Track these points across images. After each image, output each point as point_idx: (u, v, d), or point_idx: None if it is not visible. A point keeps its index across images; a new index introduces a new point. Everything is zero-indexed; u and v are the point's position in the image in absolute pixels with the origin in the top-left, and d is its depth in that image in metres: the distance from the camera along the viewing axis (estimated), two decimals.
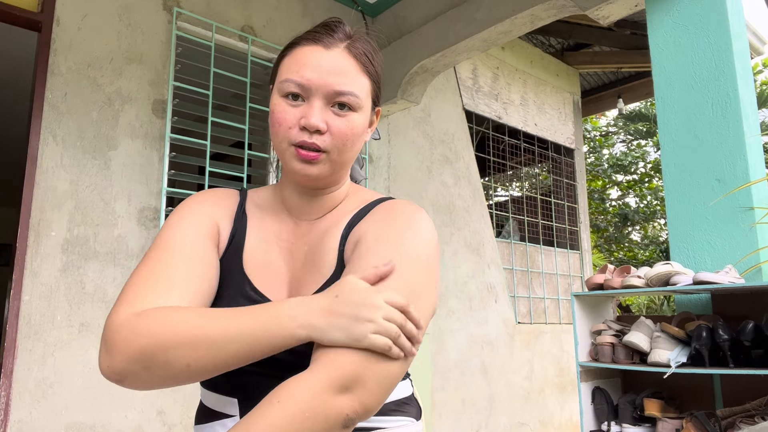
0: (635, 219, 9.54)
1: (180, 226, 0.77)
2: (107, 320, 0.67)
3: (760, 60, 8.90)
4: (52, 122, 2.37)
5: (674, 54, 2.28)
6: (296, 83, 0.75)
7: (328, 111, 0.75)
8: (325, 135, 0.75)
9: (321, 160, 0.76)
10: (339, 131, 0.75)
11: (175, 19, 2.79)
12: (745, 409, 1.72)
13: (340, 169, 0.80)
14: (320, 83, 0.75)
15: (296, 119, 0.75)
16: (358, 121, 0.78)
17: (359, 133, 0.78)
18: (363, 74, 0.79)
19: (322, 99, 0.75)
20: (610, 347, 2.09)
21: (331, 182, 0.82)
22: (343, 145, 0.76)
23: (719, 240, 2.06)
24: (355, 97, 0.76)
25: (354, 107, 0.77)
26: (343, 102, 0.76)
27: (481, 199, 4.22)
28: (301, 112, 0.75)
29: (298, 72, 0.75)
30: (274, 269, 0.79)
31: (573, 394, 4.53)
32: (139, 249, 2.53)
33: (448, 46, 3.07)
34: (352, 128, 0.77)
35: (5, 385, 2.12)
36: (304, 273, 0.79)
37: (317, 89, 0.75)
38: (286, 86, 0.76)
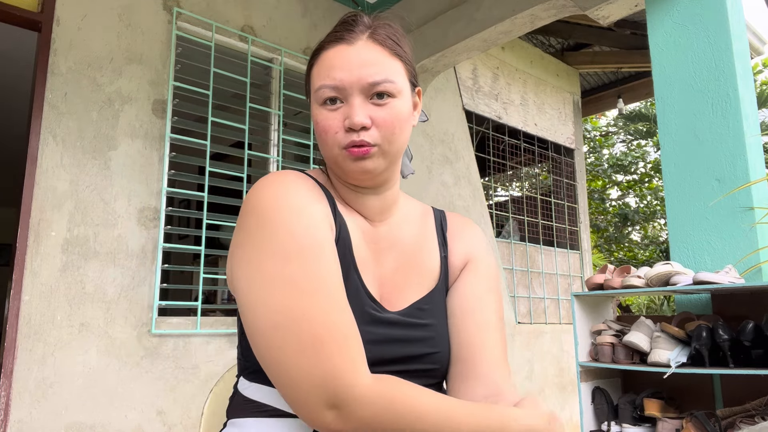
0: (635, 219, 9.54)
1: (304, 225, 0.68)
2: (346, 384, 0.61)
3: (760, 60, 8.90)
4: (52, 122, 2.37)
5: (674, 54, 2.28)
6: (330, 87, 0.74)
7: (369, 105, 0.74)
8: (372, 129, 0.74)
9: (373, 153, 0.74)
10: (384, 121, 0.74)
11: (175, 19, 2.79)
12: (745, 409, 1.72)
13: (394, 160, 0.78)
14: (353, 80, 0.73)
15: (340, 123, 0.74)
16: (401, 107, 0.76)
17: (405, 118, 0.77)
18: (393, 58, 0.77)
19: (360, 95, 0.74)
20: (610, 347, 2.09)
21: (388, 177, 0.80)
22: (392, 134, 0.75)
23: (719, 240, 2.06)
24: (391, 83, 0.75)
25: (393, 93, 0.75)
26: (381, 91, 0.74)
27: (481, 199, 4.22)
28: (343, 114, 0.74)
29: (329, 75, 0.74)
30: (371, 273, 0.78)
31: (573, 394, 4.53)
32: (139, 249, 2.53)
33: (448, 46, 3.07)
34: (396, 115, 0.75)
35: (5, 385, 2.12)
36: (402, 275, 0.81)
37: (352, 86, 0.73)
38: (321, 93, 0.75)
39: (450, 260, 0.84)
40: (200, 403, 2.54)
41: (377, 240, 0.81)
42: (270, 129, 3.18)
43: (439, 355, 0.79)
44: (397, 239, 0.82)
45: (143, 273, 2.52)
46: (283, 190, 0.70)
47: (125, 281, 2.47)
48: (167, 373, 2.51)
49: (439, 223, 0.88)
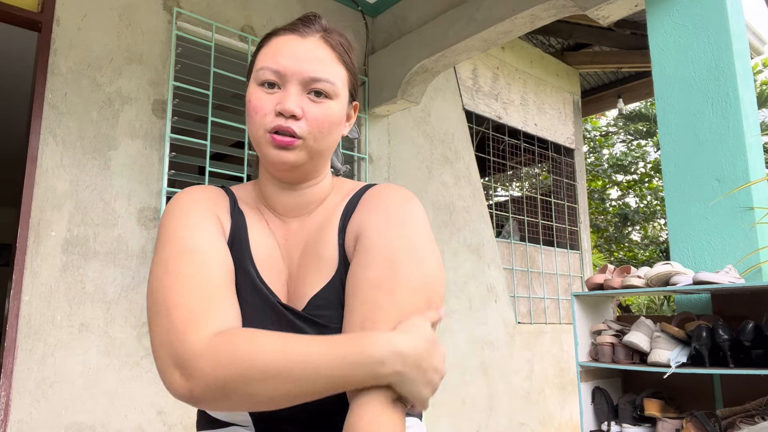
0: (635, 219, 9.54)
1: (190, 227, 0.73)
2: (175, 342, 0.64)
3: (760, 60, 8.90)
4: (52, 122, 2.37)
5: (674, 54, 2.28)
6: (272, 70, 0.75)
7: (304, 98, 0.75)
8: (301, 121, 0.74)
9: (297, 146, 0.75)
10: (315, 118, 0.75)
11: (175, 19, 2.79)
12: (745, 409, 1.72)
13: (318, 157, 0.78)
14: (295, 69, 0.75)
15: (272, 106, 0.75)
16: (335, 109, 0.77)
17: (336, 122, 0.78)
18: (339, 63, 0.78)
19: (298, 85, 0.75)
20: (610, 347, 2.09)
21: (310, 174, 0.81)
22: (320, 132, 0.76)
23: (719, 240, 2.06)
24: (331, 84, 0.76)
25: (330, 94, 0.76)
26: (319, 89, 0.75)
27: (481, 199, 4.22)
28: (277, 99, 0.75)
29: (273, 59, 0.76)
30: (275, 266, 0.79)
31: (573, 394, 4.53)
32: (139, 249, 2.53)
33: (448, 46, 3.06)
34: (328, 115, 0.76)
35: (5, 385, 2.12)
36: (303, 270, 0.78)
37: (293, 75, 0.75)
38: (261, 74, 0.76)
39: (345, 245, 0.77)
40: None
41: (287, 236, 0.82)
42: None
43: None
44: (306, 234, 0.81)
45: (143, 273, 2.52)
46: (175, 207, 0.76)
47: (125, 281, 2.47)
48: None
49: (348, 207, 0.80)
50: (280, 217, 0.83)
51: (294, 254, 0.80)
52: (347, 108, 0.82)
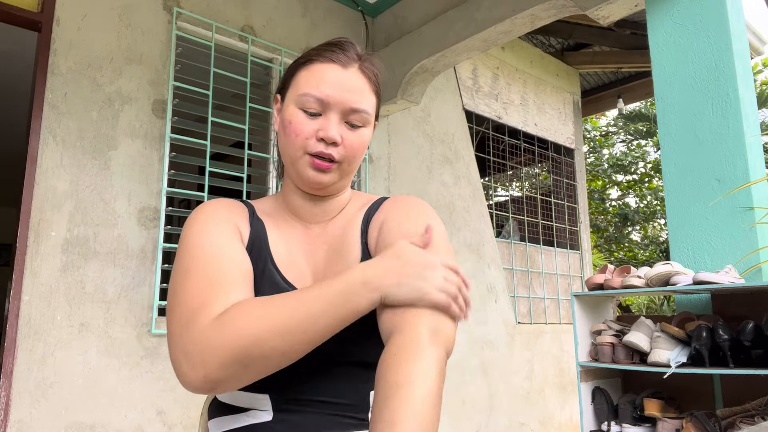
0: (635, 219, 9.54)
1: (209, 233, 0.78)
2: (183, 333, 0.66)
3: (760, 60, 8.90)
4: (52, 122, 2.37)
5: (674, 54, 2.28)
6: (316, 98, 0.81)
7: (342, 125, 0.82)
8: (339, 147, 0.82)
9: (333, 169, 0.82)
10: (351, 144, 0.83)
11: (175, 19, 2.79)
12: (745, 409, 1.72)
13: (347, 177, 0.87)
14: (339, 100, 0.81)
15: (314, 131, 0.81)
16: (367, 135, 0.86)
17: (365, 146, 0.86)
18: (372, 93, 0.86)
19: (338, 114, 0.82)
20: (610, 347, 2.09)
21: (337, 189, 0.88)
22: (354, 157, 0.84)
23: (719, 240, 2.06)
24: (367, 114, 0.84)
25: (365, 123, 0.84)
26: (356, 119, 0.83)
27: (481, 199, 4.22)
28: (319, 125, 0.81)
29: (318, 87, 0.81)
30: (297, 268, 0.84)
31: (573, 394, 4.53)
32: (139, 249, 2.53)
33: (448, 46, 3.06)
34: (362, 142, 0.84)
35: (5, 385, 2.12)
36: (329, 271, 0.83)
37: (335, 105, 0.81)
38: (305, 100, 0.81)
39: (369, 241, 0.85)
40: (200, 403, 2.54)
41: (310, 240, 0.88)
42: (270, 129, 3.18)
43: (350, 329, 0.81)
44: (329, 238, 0.87)
45: (143, 273, 2.52)
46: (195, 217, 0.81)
47: (125, 281, 2.47)
48: (167, 373, 2.51)
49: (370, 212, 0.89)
50: (303, 222, 0.89)
51: (318, 256, 0.86)
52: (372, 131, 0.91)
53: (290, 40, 3.28)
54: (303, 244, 0.87)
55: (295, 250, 0.85)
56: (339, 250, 0.85)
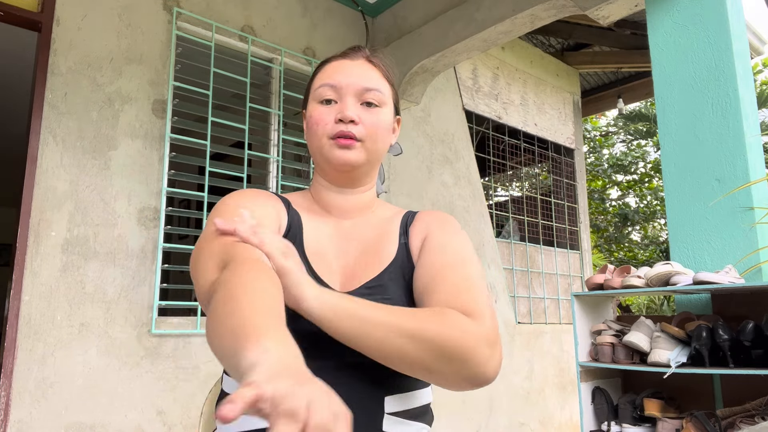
0: (635, 219, 9.53)
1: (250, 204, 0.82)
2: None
3: (760, 60, 8.90)
4: (52, 122, 2.37)
5: (674, 54, 2.28)
6: (329, 85, 0.87)
7: (359, 107, 0.87)
8: (359, 126, 0.86)
9: (357, 146, 0.86)
10: (370, 122, 0.87)
11: (175, 19, 2.79)
12: (745, 409, 1.72)
13: (373, 161, 0.89)
14: (350, 81, 0.87)
15: (332, 117, 0.86)
16: (385, 116, 0.89)
17: (386, 128, 0.90)
18: (384, 79, 0.91)
19: (353, 96, 0.87)
20: (610, 347, 2.09)
21: (363, 178, 0.91)
22: (375, 134, 0.87)
23: (719, 240, 2.06)
24: (380, 93, 0.88)
25: (380, 103, 0.88)
26: (371, 99, 0.87)
27: (481, 199, 4.22)
28: (336, 110, 0.86)
29: (330, 76, 0.88)
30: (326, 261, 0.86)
31: (573, 394, 4.53)
32: (139, 249, 2.53)
33: (448, 46, 3.07)
34: (381, 120, 0.88)
35: (5, 385, 2.12)
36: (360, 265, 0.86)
37: (348, 87, 0.87)
38: (320, 91, 0.88)
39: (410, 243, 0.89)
40: (200, 403, 2.54)
41: (342, 235, 0.90)
42: (270, 129, 3.18)
43: None
44: (361, 234, 0.90)
45: (143, 273, 2.52)
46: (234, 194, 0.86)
47: (125, 281, 2.47)
48: (167, 373, 2.51)
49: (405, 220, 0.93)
50: (334, 218, 0.92)
51: (349, 252, 0.88)
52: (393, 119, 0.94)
53: (290, 40, 3.28)
54: (334, 239, 0.89)
55: (326, 243, 0.87)
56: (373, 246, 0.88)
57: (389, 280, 0.83)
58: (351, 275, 0.84)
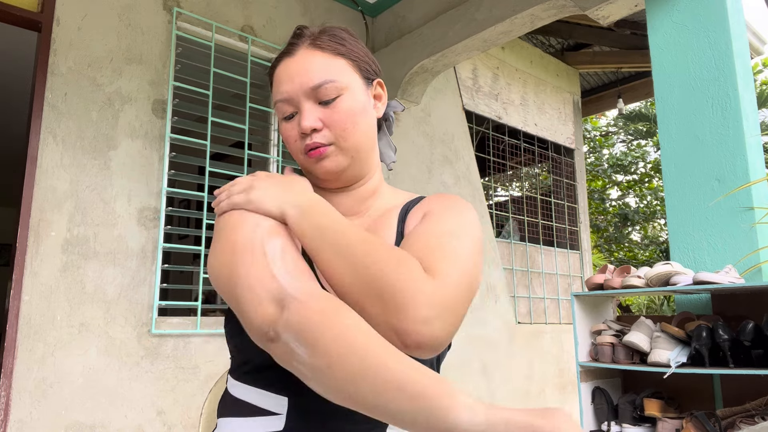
0: (635, 219, 9.53)
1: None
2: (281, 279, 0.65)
3: (760, 60, 8.90)
4: (52, 122, 2.37)
5: (674, 54, 2.28)
6: (282, 101, 0.80)
7: (319, 108, 0.78)
8: (324, 130, 0.78)
9: (330, 152, 0.78)
10: (333, 121, 0.78)
11: (175, 19, 2.79)
12: (745, 409, 1.72)
13: (357, 155, 0.81)
14: (295, 88, 0.78)
15: (296, 131, 0.79)
16: (348, 103, 0.79)
17: (357, 113, 0.79)
18: (335, 57, 0.80)
19: (308, 101, 0.78)
20: (610, 347, 2.09)
21: (357, 174, 0.83)
22: (344, 131, 0.78)
23: (719, 240, 2.06)
24: (332, 82, 0.78)
25: (337, 93, 0.78)
26: (324, 93, 0.77)
27: (481, 199, 4.22)
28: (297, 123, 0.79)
29: (278, 90, 0.80)
30: None
31: (573, 394, 4.53)
32: (138, 249, 2.53)
33: (448, 46, 3.07)
34: (345, 111, 0.78)
35: (5, 385, 2.12)
36: None
37: (297, 95, 0.78)
38: (278, 108, 0.81)
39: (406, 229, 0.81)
40: (200, 403, 2.54)
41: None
42: (270, 129, 3.18)
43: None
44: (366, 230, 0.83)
45: (143, 273, 2.52)
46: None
47: (125, 281, 2.47)
48: (167, 373, 2.51)
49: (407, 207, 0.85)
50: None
51: None
52: (367, 92, 0.83)
53: None
54: None
55: None
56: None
57: None
58: None
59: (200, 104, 2.87)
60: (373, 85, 0.86)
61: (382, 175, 0.90)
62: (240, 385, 0.76)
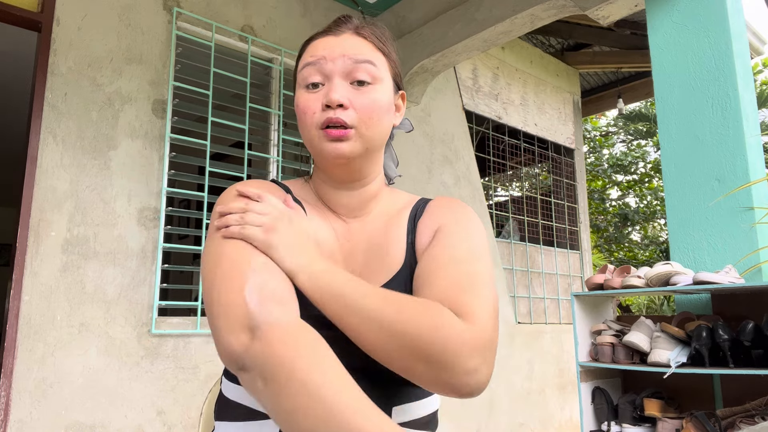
0: (635, 219, 9.53)
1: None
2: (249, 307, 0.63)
3: (760, 60, 8.90)
4: (52, 122, 2.37)
5: (674, 54, 2.28)
6: (312, 64, 0.76)
7: (349, 88, 0.76)
8: (349, 110, 0.75)
9: (350, 136, 0.75)
10: (362, 105, 0.75)
11: (175, 19, 2.79)
12: (745, 409, 1.72)
13: (371, 149, 0.78)
14: (335, 56, 0.75)
15: (319, 102, 0.75)
16: (380, 94, 0.77)
17: (384, 108, 0.78)
18: (376, 50, 0.79)
19: (341, 76, 0.76)
20: (610, 347, 2.09)
21: (364, 169, 0.81)
22: (369, 119, 0.75)
23: (719, 240, 2.06)
24: (372, 65, 0.76)
25: (373, 79, 0.76)
26: (361, 78, 0.75)
27: (481, 199, 4.22)
28: (323, 94, 0.75)
29: (313, 55, 0.77)
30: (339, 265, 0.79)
31: (573, 394, 4.53)
32: (138, 249, 2.53)
33: (448, 46, 3.07)
34: (375, 100, 0.76)
35: (5, 385, 2.12)
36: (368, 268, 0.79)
37: (334, 65, 0.75)
38: (304, 74, 0.77)
39: (417, 242, 0.80)
40: (200, 403, 2.54)
41: (350, 237, 0.82)
42: (270, 129, 3.18)
43: None
44: (369, 235, 0.82)
45: (143, 273, 2.52)
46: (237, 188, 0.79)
47: (125, 281, 2.47)
48: (167, 373, 2.51)
49: (415, 211, 0.84)
50: (341, 217, 0.84)
51: (357, 254, 0.81)
52: (393, 97, 0.82)
53: (290, 40, 3.28)
54: (342, 240, 0.81)
55: (332, 244, 0.80)
56: (379, 248, 0.80)
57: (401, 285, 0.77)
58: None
59: (200, 104, 2.87)
60: (398, 94, 0.85)
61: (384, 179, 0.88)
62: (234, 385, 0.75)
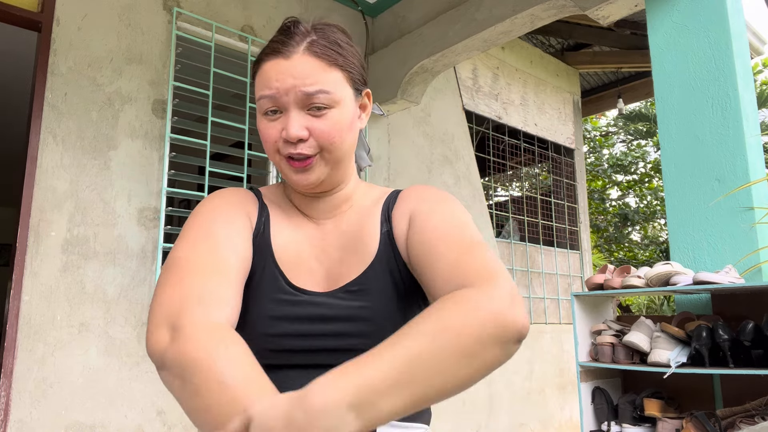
0: (635, 219, 9.53)
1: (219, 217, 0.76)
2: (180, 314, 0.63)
3: (760, 60, 8.90)
4: (52, 122, 2.37)
5: (674, 54, 2.28)
6: (268, 97, 0.76)
7: (306, 116, 0.76)
8: (309, 140, 0.76)
9: (315, 163, 0.77)
10: (321, 132, 0.75)
11: (175, 19, 2.79)
12: (745, 409, 1.72)
13: (338, 167, 0.80)
14: (287, 88, 0.75)
15: (278, 132, 0.76)
16: (340, 117, 0.77)
17: (345, 127, 0.78)
18: (331, 68, 0.77)
19: (296, 107, 0.75)
20: (610, 347, 2.09)
21: (335, 181, 0.82)
22: (331, 144, 0.76)
23: (719, 240, 2.06)
24: (326, 93, 0.75)
25: (330, 104, 0.76)
26: (316, 103, 0.75)
27: (481, 199, 4.22)
28: (281, 124, 0.76)
29: (267, 86, 0.76)
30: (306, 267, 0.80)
31: (573, 394, 4.53)
32: (138, 249, 2.53)
33: (448, 46, 3.06)
34: (334, 125, 0.76)
35: (5, 385, 2.12)
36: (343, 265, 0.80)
37: (288, 96, 0.75)
38: (261, 104, 0.77)
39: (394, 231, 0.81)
40: None
41: (323, 237, 0.83)
42: None
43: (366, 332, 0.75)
44: (342, 232, 0.83)
45: (143, 273, 2.52)
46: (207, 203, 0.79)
47: (125, 281, 2.47)
48: None
49: (388, 203, 0.85)
50: (314, 220, 0.85)
51: (332, 252, 0.82)
52: (356, 103, 0.82)
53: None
54: (315, 241, 0.82)
55: (305, 248, 0.81)
56: (354, 244, 0.81)
57: (373, 279, 0.78)
58: (335, 276, 0.79)
59: (200, 104, 2.87)
60: (362, 96, 0.84)
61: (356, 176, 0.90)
62: None
